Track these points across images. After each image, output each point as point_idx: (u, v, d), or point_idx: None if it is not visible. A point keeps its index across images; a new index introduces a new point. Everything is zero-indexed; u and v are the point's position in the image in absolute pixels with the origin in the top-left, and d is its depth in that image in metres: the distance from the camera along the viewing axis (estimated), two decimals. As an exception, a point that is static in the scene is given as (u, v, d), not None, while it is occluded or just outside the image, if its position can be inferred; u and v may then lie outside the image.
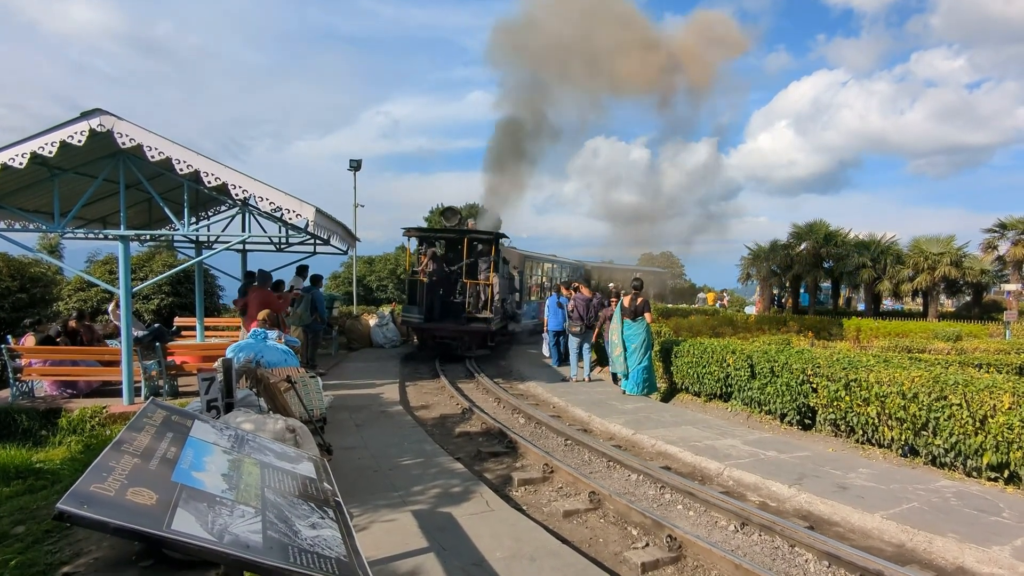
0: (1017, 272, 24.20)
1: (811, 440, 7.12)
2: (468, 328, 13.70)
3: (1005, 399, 5.36)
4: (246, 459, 2.82)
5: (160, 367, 8.38)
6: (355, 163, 21.61)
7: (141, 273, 15.81)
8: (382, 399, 9.08)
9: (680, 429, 7.47)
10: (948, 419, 5.72)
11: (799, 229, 28.28)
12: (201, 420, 3.06)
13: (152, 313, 15.69)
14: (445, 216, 15.93)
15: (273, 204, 7.35)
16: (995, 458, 5.39)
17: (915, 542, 4.35)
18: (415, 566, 3.63)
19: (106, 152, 7.61)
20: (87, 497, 1.82)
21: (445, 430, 7.86)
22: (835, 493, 5.14)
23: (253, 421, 3.87)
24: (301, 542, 2.21)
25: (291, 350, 6.70)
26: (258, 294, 9.70)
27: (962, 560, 4.08)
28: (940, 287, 26.08)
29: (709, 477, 5.99)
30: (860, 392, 6.62)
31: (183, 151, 7.04)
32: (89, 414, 7.69)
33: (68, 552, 4.01)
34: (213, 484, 2.36)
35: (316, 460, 3.31)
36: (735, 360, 8.47)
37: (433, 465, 5.80)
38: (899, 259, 26.28)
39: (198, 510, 2.06)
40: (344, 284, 26.89)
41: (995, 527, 4.43)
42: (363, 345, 16.11)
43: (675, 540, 4.30)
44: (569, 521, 4.91)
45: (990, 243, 25.18)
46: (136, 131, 6.89)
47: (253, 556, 1.94)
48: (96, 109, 6.77)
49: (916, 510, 4.76)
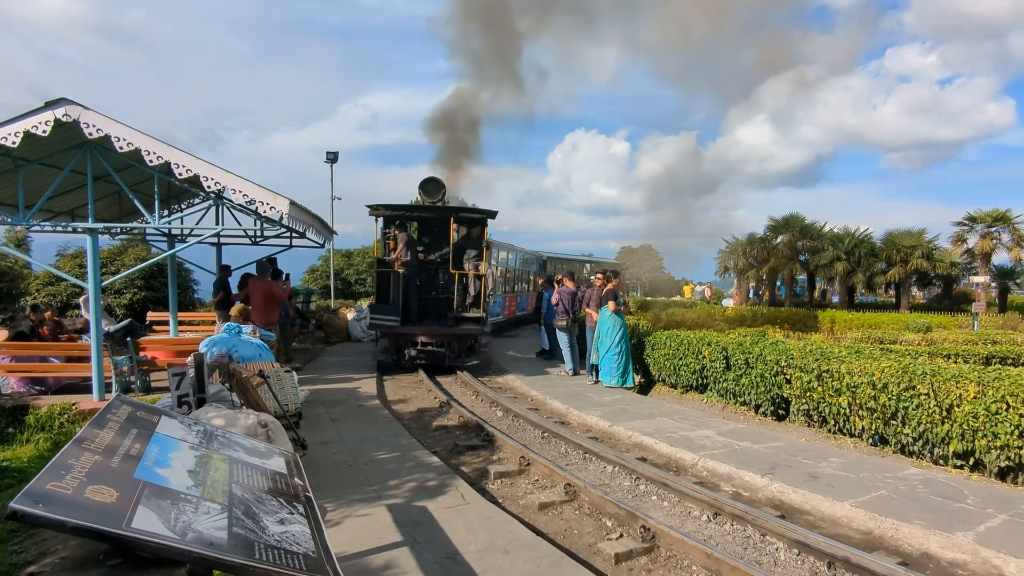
0: (985, 264, 24.82)
1: (784, 430, 7.24)
2: (458, 331, 11.30)
3: (971, 388, 5.49)
4: (214, 455, 2.78)
5: (132, 363, 8.23)
6: (332, 155, 21.43)
7: (112, 267, 15.50)
8: (359, 393, 9.02)
9: (656, 421, 7.53)
10: (916, 408, 5.85)
11: (776, 223, 28.69)
12: (168, 416, 3.00)
13: (124, 308, 15.39)
14: (425, 190, 12.30)
15: (247, 197, 7.24)
16: (961, 446, 5.52)
17: (882, 529, 4.44)
18: (388, 560, 3.62)
19: (73, 143, 7.42)
20: (43, 496, 1.78)
21: (422, 424, 7.83)
22: (806, 482, 5.23)
23: (224, 416, 3.81)
24: (268, 538, 2.19)
25: (266, 344, 6.62)
26: (261, 285, 9.60)
27: (927, 546, 4.18)
28: (912, 279, 26.66)
29: (684, 468, 6.06)
30: (832, 383, 6.73)
31: (153, 142, 6.90)
32: (58, 411, 7.52)
33: (34, 552, 3.94)
34: (178, 481, 2.32)
35: (287, 455, 3.27)
36: (711, 352, 8.57)
37: (409, 459, 5.78)
38: (873, 252, 26.81)
39: (160, 507, 2.02)
40: (322, 278, 26.65)
41: (960, 513, 4.54)
42: (341, 339, 15.99)
43: (649, 531, 4.34)
44: (544, 513, 4.92)
45: (960, 236, 25.76)
46: (103, 121, 6.72)
47: (217, 553, 1.91)
48: (61, 99, 6.59)
49: (884, 498, 4.86)
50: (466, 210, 12.20)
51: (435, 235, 12.56)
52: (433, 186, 12.29)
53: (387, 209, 11.57)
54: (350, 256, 30.06)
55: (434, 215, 12.19)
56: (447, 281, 12.00)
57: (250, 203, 7.36)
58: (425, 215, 12.37)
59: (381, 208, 11.49)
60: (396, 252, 11.15)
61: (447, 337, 11.16)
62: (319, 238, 10.91)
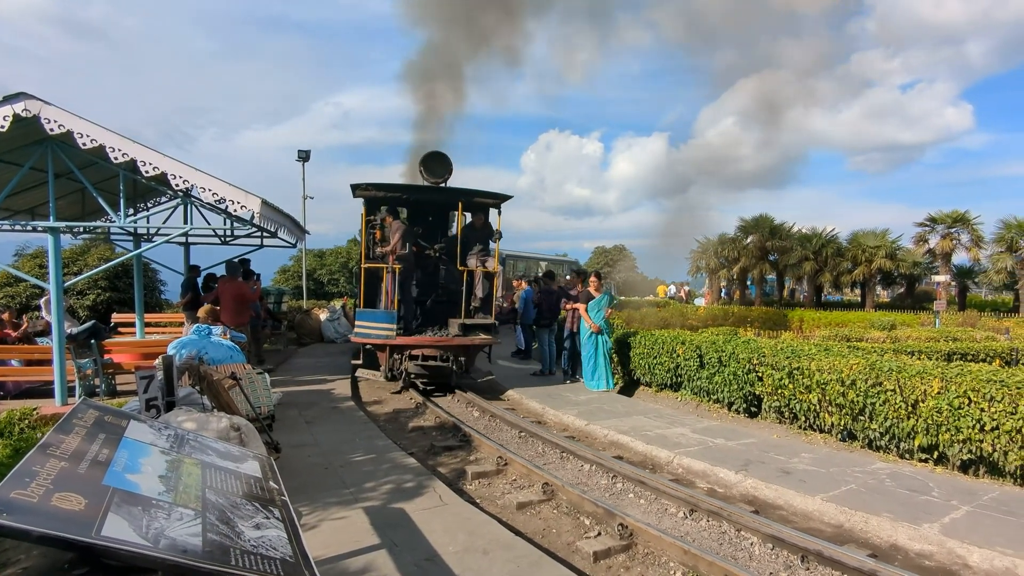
0: (946, 264, 25.62)
1: (757, 427, 7.36)
2: (468, 341, 9.30)
3: (935, 384, 5.65)
4: (186, 459, 2.71)
5: (96, 365, 7.99)
6: (303, 154, 21.14)
7: (75, 267, 15.00)
8: (333, 395, 8.90)
9: (632, 419, 7.59)
10: (883, 404, 6.00)
11: (746, 223, 29.21)
12: (137, 420, 2.92)
13: (88, 309, 14.93)
14: (428, 168, 9.85)
15: (216, 195, 7.07)
16: (926, 440, 5.68)
17: (852, 522, 4.54)
18: (367, 563, 3.57)
19: (33, 139, 7.16)
20: (6, 504, 1.71)
21: (398, 425, 7.77)
22: (779, 478, 5.32)
23: (195, 420, 3.72)
24: (244, 543, 2.14)
25: (236, 346, 6.49)
26: (231, 286, 9.41)
27: (895, 538, 4.29)
28: (876, 279, 27.38)
29: (660, 465, 6.11)
30: (803, 380, 6.87)
31: (118, 138, 6.70)
32: (18, 416, 7.22)
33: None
34: (149, 487, 2.25)
35: (262, 459, 3.21)
36: (684, 350, 8.67)
37: (385, 461, 5.72)
38: (839, 252, 27.48)
39: (131, 514, 1.96)
40: (294, 278, 26.26)
41: (925, 506, 4.67)
42: (314, 340, 15.76)
43: (626, 528, 4.37)
44: (523, 513, 4.92)
45: (921, 236, 26.57)
46: (65, 117, 6.50)
47: (191, 560, 1.86)
48: (21, 93, 6.36)
49: (854, 492, 4.98)
50: (479, 193, 9.64)
51: (430, 224, 10.76)
52: (438, 163, 9.81)
53: (376, 189, 9.19)
54: (323, 256, 29.66)
55: (437, 198, 10.10)
56: (448, 280, 10.05)
57: (220, 202, 7.19)
58: (425, 197, 10.10)
59: (369, 188, 9.14)
60: (392, 243, 9.06)
61: (455, 349, 9.13)
62: (291, 238, 10.73)
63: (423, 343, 8.97)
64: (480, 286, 9.65)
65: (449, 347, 9.02)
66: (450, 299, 9.85)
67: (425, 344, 8.95)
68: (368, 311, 9.06)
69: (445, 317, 9.75)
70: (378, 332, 8.80)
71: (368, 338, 8.94)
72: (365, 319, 8.98)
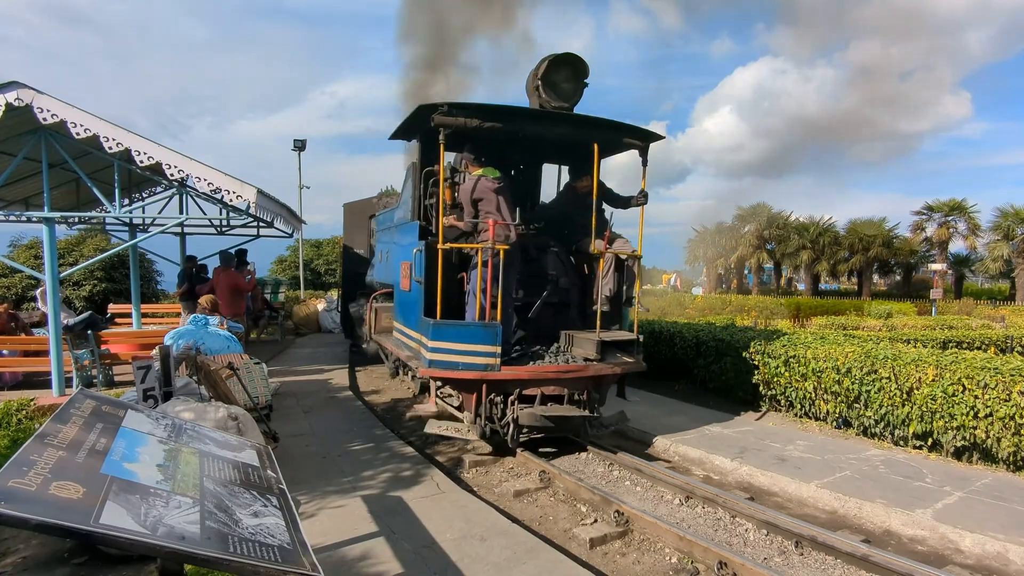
0: (942, 252, 25.70)
1: (753, 415, 7.40)
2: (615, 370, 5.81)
3: (929, 372, 5.69)
4: (184, 448, 2.72)
5: (93, 356, 7.99)
6: (299, 143, 21.02)
7: (70, 258, 14.97)
8: (331, 384, 8.92)
9: (631, 407, 7.60)
10: (878, 392, 6.04)
11: (743, 212, 29.23)
12: (135, 410, 2.93)
13: (84, 300, 14.91)
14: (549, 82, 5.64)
15: (212, 185, 7.04)
16: (920, 427, 5.73)
17: (846, 508, 4.59)
18: (365, 550, 3.60)
19: (26, 128, 7.11)
20: (5, 493, 1.71)
21: (396, 414, 7.79)
22: (774, 465, 5.37)
23: (193, 410, 3.73)
24: (242, 531, 2.15)
25: (234, 336, 6.49)
26: (226, 276, 9.42)
27: (889, 523, 4.33)
28: (873, 267, 27.45)
29: (656, 453, 6.15)
30: (799, 368, 6.90)
31: (112, 128, 6.65)
32: (15, 407, 7.24)
33: (-7, 552, 3.80)
34: (147, 475, 2.26)
35: (259, 447, 3.22)
36: (683, 340, 8.70)
37: (384, 449, 5.75)
38: (836, 241, 27.53)
39: (130, 502, 1.97)
40: (291, 268, 26.21)
41: (919, 492, 4.72)
42: (311, 330, 15.79)
43: (622, 515, 4.40)
44: (520, 500, 4.95)
45: (918, 225, 26.65)
46: (59, 106, 6.46)
47: (189, 547, 1.87)
48: (13, 82, 6.30)
49: (848, 478, 5.02)
50: (628, 129, 5.98)
51: (513, 180, 7.07)
52: (566, 76, 5.71)
53: (463, 112, 5.35)
54: (319, 246, 29.55)
55: (558, 130, 5.81)
56: (556, 270, 6.47)
57: (215, 191, 7.16)
58: (540, 130, 5.79)
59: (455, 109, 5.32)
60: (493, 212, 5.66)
61: (590, 382, 5.78)
62: (287, 228, 10.71)
63: (544, 375, 5.57)
64: (610, 280, 6.17)
65: (582, 379, 5.69)
66: (561, 300, 6.56)
67: (548, 377, 5.58)
68: (451, 324, 5.48)
69: (554, 330, 6.32)
70: (472, 360, 5.38)
71: (453, 369, 5.44)
72: (446, 337, 5.41)
